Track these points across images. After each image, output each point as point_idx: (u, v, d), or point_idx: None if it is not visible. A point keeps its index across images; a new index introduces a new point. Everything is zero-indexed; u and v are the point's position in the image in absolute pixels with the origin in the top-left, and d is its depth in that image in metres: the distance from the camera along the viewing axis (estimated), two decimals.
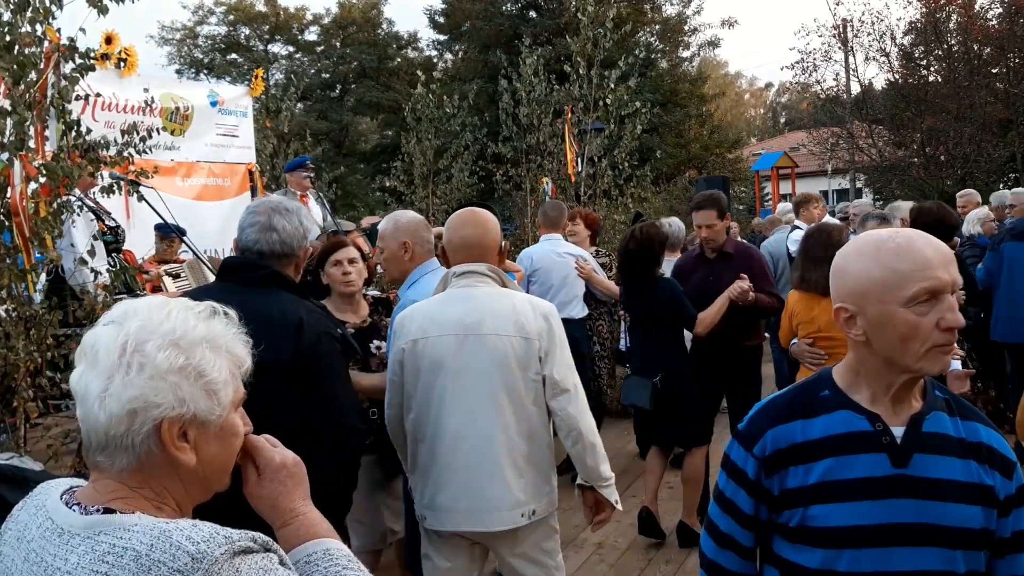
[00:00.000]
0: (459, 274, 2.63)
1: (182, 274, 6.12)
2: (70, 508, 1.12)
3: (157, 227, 6.22)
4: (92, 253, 3.98)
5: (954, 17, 17.16)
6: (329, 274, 3.46)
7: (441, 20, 29.01)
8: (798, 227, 6.96)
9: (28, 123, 3.36)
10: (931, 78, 17.70)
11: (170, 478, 1.16)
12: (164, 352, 1.12)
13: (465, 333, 2.53)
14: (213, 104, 8.11)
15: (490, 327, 2.53)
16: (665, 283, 4.50)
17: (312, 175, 6.90)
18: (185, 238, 4.92)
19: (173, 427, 1.12)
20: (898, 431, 1.46)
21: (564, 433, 2.59)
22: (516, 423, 2.54)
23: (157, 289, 5.84)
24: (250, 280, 2.36)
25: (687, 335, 4.58)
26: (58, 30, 3.61)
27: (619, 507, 2.71)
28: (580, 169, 9.68)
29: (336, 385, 2.37)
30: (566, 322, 5.36)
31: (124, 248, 5.28)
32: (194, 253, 4.95)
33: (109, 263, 4.55)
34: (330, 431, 2.30)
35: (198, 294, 2.49)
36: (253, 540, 1.09)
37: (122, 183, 4.61)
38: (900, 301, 1.39)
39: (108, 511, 1.10)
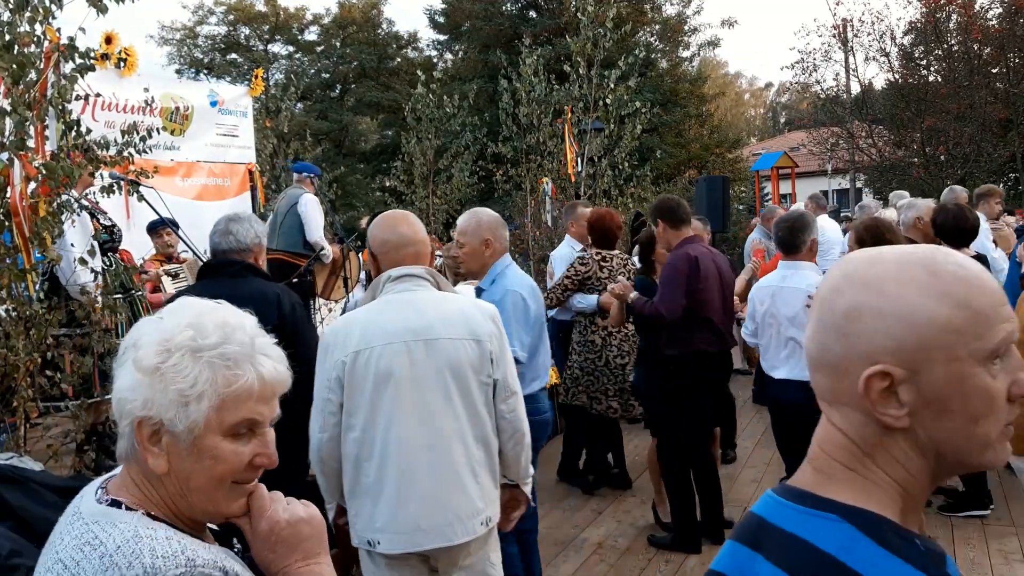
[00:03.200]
0: (396, 278, 2.50)
1: (181, 274, 6.14)
2: (96, 493, 1.16)
3: (148, 227, 6.22)
4: (92, 253, 3.98)
5: (954, 17, 17.14)
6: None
7: (441, 20, 29.01)
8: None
9: (28, 123, 3.36)
10: (931, 78, 17.69)
11: (155, 481, 1.15)
12: (148, 350, 1.12)
13: (415, 339, 2.41)
14: (213, 104, 8.11)
15: (441, 331, 2.43)
16: None
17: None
18: (181, 234, 4.93)
19: (144, 427, 1.12)
20: None
21: (508, 435, 2.56)
22: (472, 428, 2.47)
23: (157, 290, 5.85)
24: (231, 273, 3.11)
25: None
26: (58, 30, 3.60)
27: (533, 504, 2.73)
28: (580, 169, 9.68)
29: (309, 337, 3.09)
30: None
31: (121, 248, 5.26)
32: (192, 251, 4.96)
33: (104, 263, 4.54)
34: (303, 369, 2.72)
35: (191, 291, 3.23)
36: (224, 572, 1.09)
37: (122, 183, 4.61)
38: (979, 357, 0.89)
39: (115, 503, 1.13)
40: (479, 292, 3.50)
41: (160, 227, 6.08)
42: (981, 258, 4.85)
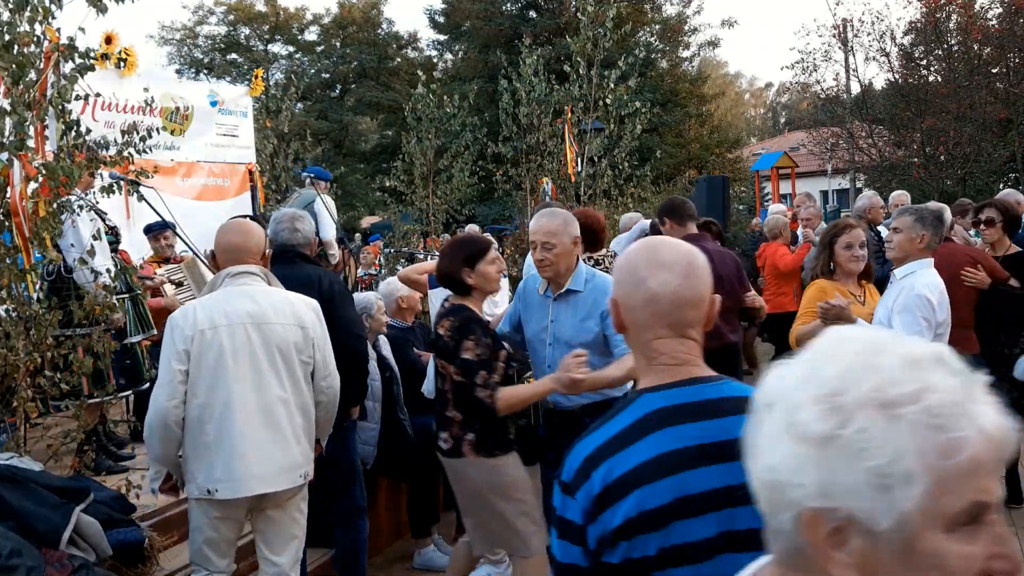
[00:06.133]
0: (235, 274, 3.03)
1: (185, 281, 6.11)
2: None
3: (145, 229, 6.20)
4: (92, 253, 3.98)
5: (954, 17, 17.12)
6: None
7: (441, 20, 29.03)
8: None
9: (28, 123, 3.36)
10: (931, 78, 17.66)
11: None
12: (808, 411, 0.80)
13: (251, 323, 2.95)
14: (213, 104, 8.12)
15: (272, 318, 2.99)
16: None
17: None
18: (179, 232, 4.92)
19: (819, 524, 0.79)
20: None
21: (324, 408, 3.17)
22: (294, 397, 3.02)
23: (157, 293, 5.83)
24: (285, 260, 3.68)
25: None
26: (58, 30, 3.61)
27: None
28: (580, 169, 9.69)
29: (347, 314, 3.67)
30: None
31: (120, 248, 5.26)
32: (191, 249, 4.95)
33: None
34: (347, 340, 3.53)
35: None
36: None
37: (122, 183, 4.61)
38: None
39: None
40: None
41: (157, 231, 6.06)
42: None
